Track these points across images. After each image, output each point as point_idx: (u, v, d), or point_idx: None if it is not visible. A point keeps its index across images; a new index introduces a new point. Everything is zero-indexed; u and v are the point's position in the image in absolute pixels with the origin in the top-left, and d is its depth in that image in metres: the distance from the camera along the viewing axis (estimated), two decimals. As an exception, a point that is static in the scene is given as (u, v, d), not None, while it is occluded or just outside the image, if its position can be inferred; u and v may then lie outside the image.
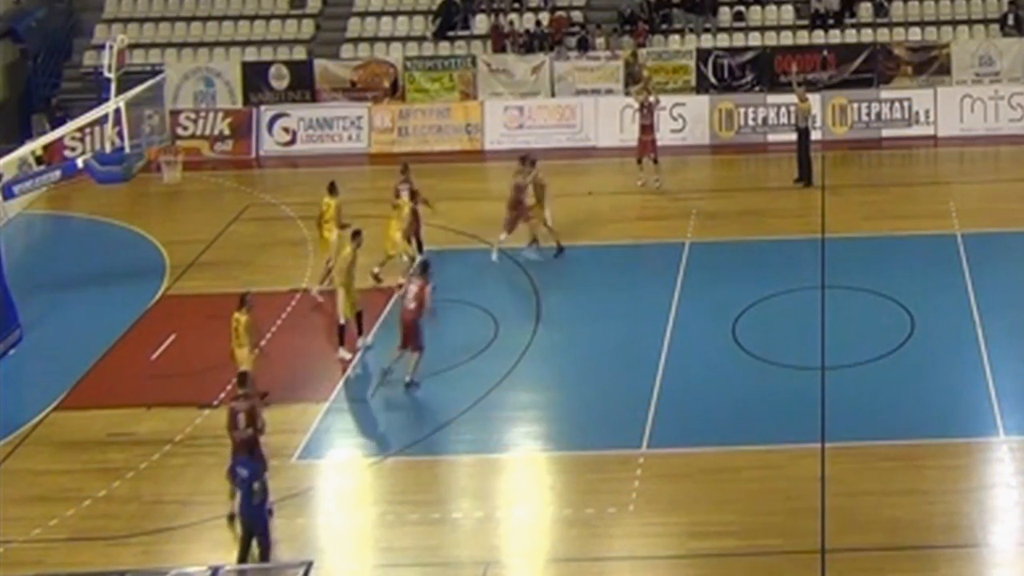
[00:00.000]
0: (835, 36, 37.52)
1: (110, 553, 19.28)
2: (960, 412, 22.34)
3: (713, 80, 36.42)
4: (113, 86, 27.77)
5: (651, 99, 32.43)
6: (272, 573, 18.13)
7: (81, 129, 32.26)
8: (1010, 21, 37.18)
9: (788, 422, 22.10)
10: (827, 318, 25.45)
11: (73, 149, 34.21)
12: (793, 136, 32.80)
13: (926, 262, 27.73)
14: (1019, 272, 26.96)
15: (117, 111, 27.47)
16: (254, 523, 18.47)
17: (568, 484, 20.90)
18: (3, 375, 24.49)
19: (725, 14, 38.35)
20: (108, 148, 28.24)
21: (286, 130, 36.14)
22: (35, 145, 30.61)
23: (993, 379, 23.14)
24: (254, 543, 18.60)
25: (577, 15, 38.40)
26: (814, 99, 34.35)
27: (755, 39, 37.58)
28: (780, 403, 22.70)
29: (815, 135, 33.45)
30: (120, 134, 27.56)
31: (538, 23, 37.97)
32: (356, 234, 24.99)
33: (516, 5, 38.56)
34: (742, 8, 38.37)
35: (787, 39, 37.56)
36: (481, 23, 38.19)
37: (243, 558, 18.44)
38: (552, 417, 22.95)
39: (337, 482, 21.14)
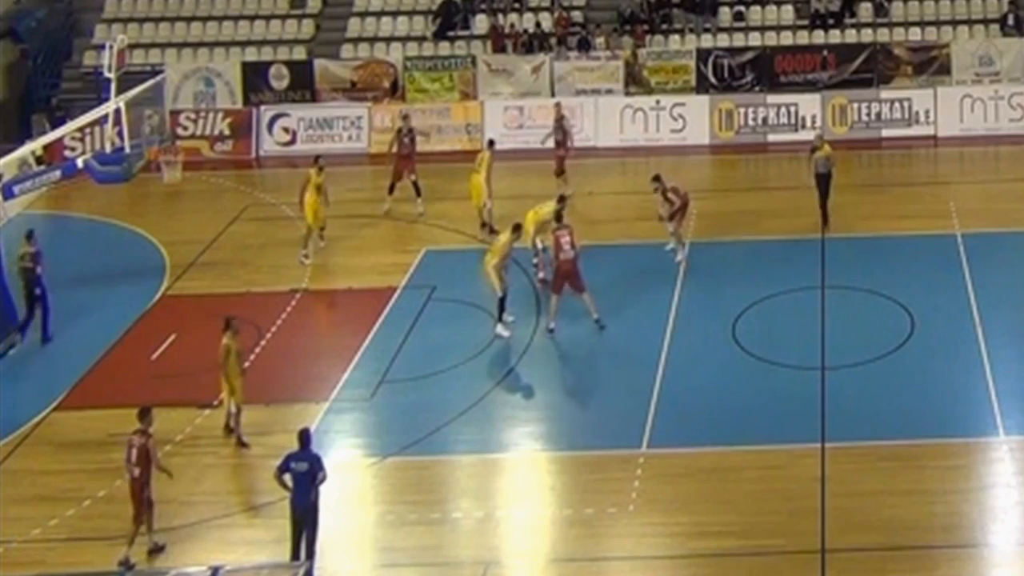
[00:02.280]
0: (835, 36, 37.50)
1: (110, 553, 19.26)
2: (960, 412, 22.34)
3: (713, 80, 36.41)
4: (113, 86, 27.77)
5: (564, 112, 32.47)
6: (272, 573, 18.11)
7: (81, 129, 32.24)
8: (1010, 21, 37.16)
9: (788, 422, 22.10)
10: (827, 318, 25.44)
11: (73, 149, 34.19)
12: (793, 136, 32.90)
13: (926, 262, 27.71)
14: (1019, 272, 26.95)
15: (117, 111, 27.47)
16: (307, 516, 18.52)
17: (568, 484, 20.90)
18: (3, 375, 24.49)
19: (725, 14, 38.34)
20: (108, 148, 28.25)
21: (286, 130, 36.12)
22: (35, 145, 30.57)
23: (993, 379, 23.14)
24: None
25: (577, 15, 38.40)
26: (814, 99, 34.33)
27: (755, 39, 37.57)
28: (780, 403, 22.70)
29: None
30: (120, 134, 27.55)
31: (538, 23, 37.96)
32: (516, 227, 25.59)
33: (516, 5, 38.55)
34: (742, 8, 38.35)
35: (787, 39, 37.56)
36: (481, 23, 38.18)
37: (296, 553, 18.46)
38: (552, 417, 22.95)
39: (337, 482, 21.10)
